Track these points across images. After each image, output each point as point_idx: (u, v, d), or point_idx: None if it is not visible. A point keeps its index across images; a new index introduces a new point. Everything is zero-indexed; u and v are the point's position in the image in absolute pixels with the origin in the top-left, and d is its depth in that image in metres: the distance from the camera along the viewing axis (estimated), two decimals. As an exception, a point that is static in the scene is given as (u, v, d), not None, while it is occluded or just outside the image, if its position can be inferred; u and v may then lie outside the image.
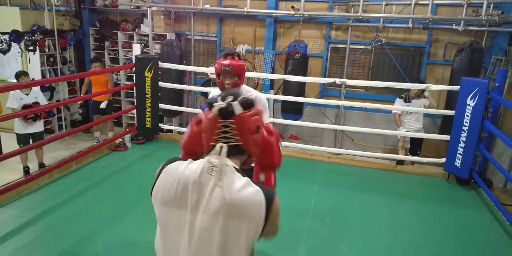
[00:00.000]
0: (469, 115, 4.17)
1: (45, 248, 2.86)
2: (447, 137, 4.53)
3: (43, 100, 5.07)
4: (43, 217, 3.28)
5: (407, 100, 5.18)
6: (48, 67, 6.81)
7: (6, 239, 2.96)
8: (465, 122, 4.24)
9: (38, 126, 5.02)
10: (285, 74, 5.70)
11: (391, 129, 5.47)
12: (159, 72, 5.36)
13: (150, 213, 2.77)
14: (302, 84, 5.77)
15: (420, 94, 5.19)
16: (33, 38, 6.27)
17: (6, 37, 5.87)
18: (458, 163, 4.35)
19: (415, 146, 5.46)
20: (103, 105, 5.92)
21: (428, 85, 4.66)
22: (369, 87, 6.23)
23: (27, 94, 4.88)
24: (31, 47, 6.30)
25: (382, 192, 4.17)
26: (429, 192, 4.29)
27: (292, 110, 5.90)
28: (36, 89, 5.04)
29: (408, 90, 5.16)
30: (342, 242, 3.17)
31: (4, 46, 5.84)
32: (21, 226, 3.14)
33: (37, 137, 4.94)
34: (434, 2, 5.03)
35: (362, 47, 6.20)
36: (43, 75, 6.61)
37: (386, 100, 6.19)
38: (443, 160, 4.57)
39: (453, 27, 5.43)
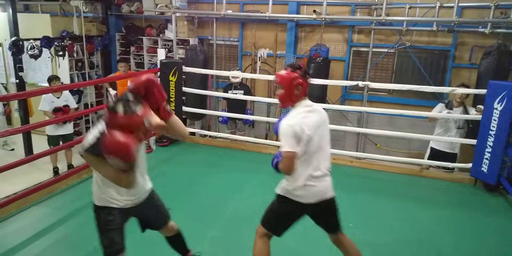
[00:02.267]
0: (497, 119, 4.08)
1: (75, 246, 2.97)
2: (473, 142, 4.44)
3: (72, 103, 5.28)
4: (73, 216, 3.40)
5: (449, 106, 4.78)
6: (77, 71, 7.06)
7: (37, 237, 3.09)
8: (492, 126, 4.14)
9: (68, 128, 5.21)
10: (307, 78, 5.70)
11: (415, 133, 5.38)
12: (184, 76, 5.48)
13: (173, 212, 2.84)
14: (324, 87, 5.76)
15: (465, 101, 4.69)
16: (62, 43, 6.50)
17: (38, 43, 6.11)
18: (485, 168, 4.25)
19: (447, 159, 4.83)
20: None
21: (454, 88, 4.58)
22: (392, 90, 6.16)
23: (58, 98, 5.08)
24: (61, 52, 6.53)
25: (407, 197, 4.12)
26: (455, 198, 4.20)
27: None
28: (66, 93, 5.25)
29: (440, 94, 4.85)
30: (366, 246, 3.14)
31: (36, 51, 6.08)
32: (51, 224, 3.27)
33: (67, 139, 5.12)
34: (459, 4, 4.95)
35: (385, 50, 6.14)
36: (71, 79, 6.85)
37: (409, 104, 6.10)
38: (470, 165, 4.47)
39: (480, 29, 5.32)
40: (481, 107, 4.44)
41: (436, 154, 4.88)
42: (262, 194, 3.61)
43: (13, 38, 5.59)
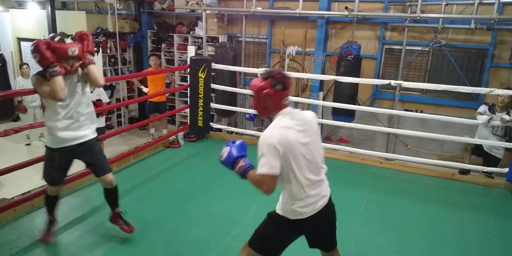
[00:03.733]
0: (538, 122, 3.87)
1: (107, 236, 3.06)
2: (511, 145, 4.23)
3: (105, 97, 5.44)
4: (104, 207, 3.49)
5: (492, 110, 4.56)
6: (110, 67, 7.27)
7: (71, 225, 3.20)
8: (533, 129, 3.93)
9: (100, 122, 5.36)
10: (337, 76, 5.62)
11: (448, 135, 5.19)
12: (213, 73, 5.52)
13: (201, 207, 2.85)
14: (355, 85, 5.66)
15: (510, 106, 4.44)
16: (97, 40, 6.71)
17: (74, 39, 6.32)
18: (523, 173, 4.05)
19: (487, 163, 4.71)
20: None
21: (492, 89, 4.37)
22: (425, 90, 5.97)
23: (91, 92, 5.22)
24: (95, 49, 6.73)
25: (438, 201, 3.98)
26: (490, 203, 4.02)
27: (344, 112, 5.71)
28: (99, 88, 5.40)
29: (477, 95, 4.64)
30: (392, 251, 3.07)
31: (72, 47, 6.30)
32: (84, 214, 3.38)
33: (99, 132, 5.26)
34: (501, 0, 4.72)
35: (419, 48, 5.96)
36: (104, 75, 7.06)
37: (444, 105, 5.90)
38: (506, 170, 4.27)
39: (522, 27, 5.06)
40: (506, 118, 4.25)
41: (479, 152, 4.79)
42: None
43: (51, 35, 5.81)
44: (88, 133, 2.74)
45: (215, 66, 5.48)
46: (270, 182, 1.83)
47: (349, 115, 5.82)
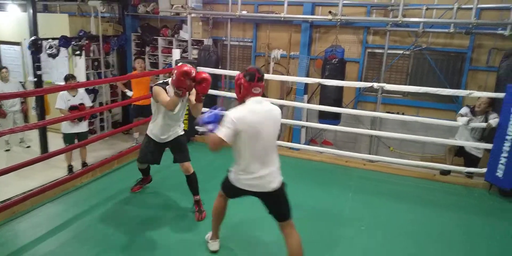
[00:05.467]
0: (515, 123, 3.99)
1: (90, 242, 3.02)
2: (489, 146, 4.36)
3: (88, 101, 5.36)
4: (88, 213, 3.46)
5: (473, 113, 4.71)
6: (93, 70, 7.17)
7: (53, 233, 3.15)
8: (509, 131, 4.06)
9: (83, 126, 5.30)
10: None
11: (429, 136, 5.30)
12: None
13: (189, 211, 2.82)
14: (340, 89, 5.71)
15: (487, 110, 4.61)
16: (79, 43, 6.62)
17: (56, 42, 6.23)
18: (500, 173, 4.17)
19: (468, 163, 4.88)
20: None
21: (471, 91, 4.49)
22: (407, 92, 6.09)
23: (74, 96, 5.17)
24: (78, 52, 6.65)
25: (420, 201, 4.07)
26: (469, 203, 4.14)
27: (330, 116, 5.70)
28: (82, 91, 5.34)
29: (456, 97, 4.78)
30: (377, 251, 3.12)
31: (54, 50, 6.20)
32: (67, 221, 3.33)
33: (82, 137, 5.21)
34: (478, 6, 4.87)
35: (400, 52, 6.08)
36: (87, 78, 6.96)
37: (424, 107, 6.03)
38: (484, 170, 4.39)
39: (498, 31, 5.21)
40: (492, 124, 4.34)
41: (461, 153, 4.94)
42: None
43: (32, 38, 5.71)
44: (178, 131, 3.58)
45: (199, 69, 5.47)
46: (218, 143, 2.38)
47: (335, 118, 5.86)
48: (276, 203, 2.55)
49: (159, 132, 3.47)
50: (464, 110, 4.78)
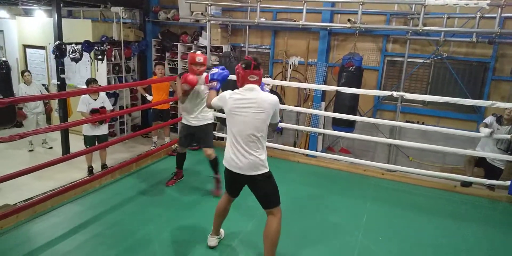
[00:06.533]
0: (540, 135, 3.88)
1: (107, 244, 3.04)
2: (513, 158, 4.24)
3: (108, 105, 5.47)
4: (106, 215, 3.50)
5: (499, 122, 4.58)
6: (114, 75, 7.32)
7: (72, 233, 3.18)
8: (536, 142, 3.94)
9: (103, 129, 5.40)
10: (338, 86, 5.66)
11: (450, 147, 5.19)
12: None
13: (207, 214, 2.84)
14: (355, 96, 5.69)
15: None
16: (101, 48, 6.79)
17: (79, 47, 6.40)
18: (525, 186, 4.05)
19: (489, 174, 4.80)
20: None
21: (494, 102, 4.39)
22: (427, 102, 6.00)
23: (95, 99, 5.28)
24: (100, 56, 6.81)
25: (439, 213, 3.96)
26: (491, 216, 4.01)
27: (343, 123, 5.71)
28: (103, 95, 5.45)
29: (479, 108, 4.67)
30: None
31: (77, 55, 6.37)
32: (85, 222, 3.36)
33: (102, 139, 5.31)
34: (502, 15, 4.78)
35: (421, 60, 6.01)
36: (108, 82, 7.12)
37: (445, 117, 5.93)
38: (508, 183, 4.26)
39: (523, 41, 5.12)
40: None
41: (482, 164, 4.83)
42: (289, 199, 3.59)
43: (56, 42, 5.89)
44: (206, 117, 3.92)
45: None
46: (209, 105, 2.86)
47: (349, 126, 5.83)
48: (255, 190, 2.69)
49: (186, 113, 3.89)
50: (489, 119, 4.65)
